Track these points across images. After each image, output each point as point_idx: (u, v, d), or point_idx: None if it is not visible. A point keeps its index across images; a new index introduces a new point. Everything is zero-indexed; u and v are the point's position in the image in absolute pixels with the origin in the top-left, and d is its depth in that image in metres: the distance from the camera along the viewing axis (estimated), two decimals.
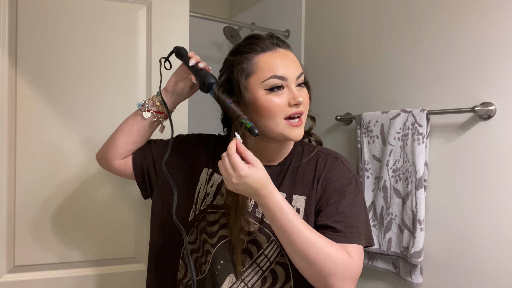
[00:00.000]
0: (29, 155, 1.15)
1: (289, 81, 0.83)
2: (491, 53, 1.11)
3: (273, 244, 0.84)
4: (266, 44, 0.85)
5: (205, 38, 2.26)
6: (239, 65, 0.84)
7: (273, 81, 0.82)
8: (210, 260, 0.86)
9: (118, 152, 0.98)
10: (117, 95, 1.22)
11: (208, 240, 0.88)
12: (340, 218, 0.81)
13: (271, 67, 0.82)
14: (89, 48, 1.20)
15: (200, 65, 0.89)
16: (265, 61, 0.83)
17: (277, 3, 1.93)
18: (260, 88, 0.82)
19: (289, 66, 0.83)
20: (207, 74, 0.87)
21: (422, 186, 1.21)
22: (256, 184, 0.73)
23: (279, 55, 0.85)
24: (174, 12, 1.27)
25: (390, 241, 1.29)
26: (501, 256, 1.09)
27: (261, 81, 0.82)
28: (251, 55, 0.84)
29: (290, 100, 0.82)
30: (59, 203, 1.18)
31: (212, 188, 0.91)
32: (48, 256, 1.18)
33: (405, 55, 1.34)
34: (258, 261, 0.84)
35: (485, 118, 1.12)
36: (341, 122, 1.57)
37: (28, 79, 1.15)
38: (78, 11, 1.19)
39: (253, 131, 0.77)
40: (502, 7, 1.09)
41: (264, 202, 0.75)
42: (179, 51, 0.94)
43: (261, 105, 0.82)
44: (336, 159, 0.91)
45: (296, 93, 0.82)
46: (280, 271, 0.84)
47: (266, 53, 0.84)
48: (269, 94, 0.82)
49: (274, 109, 0.81)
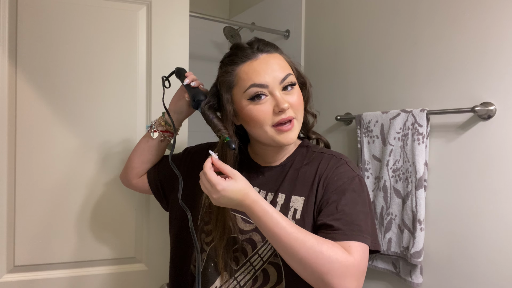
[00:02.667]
0: (29, 155, 1.15)
1: (271, 87, 0.81)
2: (491, 53, 1.11)
3: (267, 243, 0.84)
4: (246, 54, 0.85)
5: (205, 38, 2.26)
6: (222, 78, 0.87)
7: (253, 90, 0.81)
8: (205, 258, 0.89)
9: (134, 171, 1.08)
10: (117, 94, 1.22)
11: (205, 239, 0.90)
12: (339, 216, 0.78)
13: (250, 76, 0.82)
14: (89, 48, 1.20)
15: (192, 83, 0.94)
16: (244, 71, 0.83)
17: (277, 3, 1.93)
18: (243, 99, 0.83)
19: (269, 72, 0.82)
20: (198, 92, 0.93)
21: (422, 186, 1.21)
22: (236, 195, 0.73)
23: (259, 62, 0.83)
24: (174, 12, 1.27)
25: (390, 241, 1.29)
26: (501, 256, 1.09)
27: (242, 92, 0.83)
28: (233, 67, 0.85)
29: (274, 107, 0.81)
30: (59, 203, 1.18)
31: None
32: (48, 256, 1.18)
33: (405, 55, 1.34)
34: (252, 260, 0.84)
35: (485, 118, 1.12)
36: (341, 122, 1.57)
37: (28, 79, 1.15)
38: (78, 11, 1.19)
39: (230, 145, 0.80)
40: (502, 7, 1.09)
41: (250, 211, 0.75)
42: (179, 72, 1.00)
43: (246, 116, 0.83)
44: (340, 159, 0.88)
45: (280, 99, 0.81)
46: (272, 271, 0.84)
47: (246, 62, 0.84)
48: (252, 103, 0.82)
49: (259, 119, 0.81)
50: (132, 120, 1.23)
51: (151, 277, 1.27)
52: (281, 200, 0.86)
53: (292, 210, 0.84)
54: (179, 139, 1.17)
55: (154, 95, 1.24)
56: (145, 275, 1.27)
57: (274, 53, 0.86)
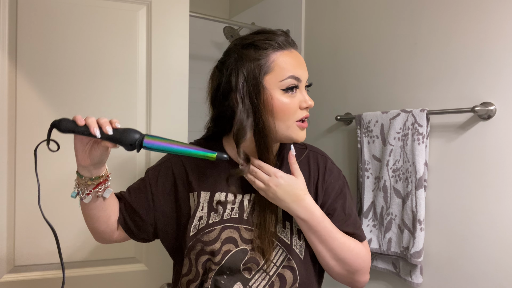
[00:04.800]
0: (29, 155, 1.15)
1: (302, 83, 0.84)
2: (491, 53, 1.11)
3: (277, 249, 0.84)
4: (282, 41, 0.83)
5: (205, 38, 2.26)
6: (257, 61, 0.80)
7: (290, 81, 0.81)
8: (212, 276, 0.83)
9: (106, 233, 0.92)
10: (117, 95, 1.22)
11: (212, 259, 0.83)
12: (350, 221, 0.89)
13: (289, 67, 0.81)
14: (89, 48, 1.20)
15: (108, 131, 0.73)
16: (283, 61, 0.81)
17: (277, 3, 1.93)
18: (277, 88, 0.80)
19: (302, 68, 0.85)
20: (123, 135, 0.73)
21: (422, 186, 1.21)
22: (295, 191, 0.82)
23: (294, 55, 0.84)
24: (174, 12, 1.27)
25: (390, 241, 1.29)
26: (501, 256, 1.09)
27: (278, 81, 0.80)
28: (269, 52, 0.81)
29: (301, 103, 0.83)
30: (59, 203, 1.18)
31: (204, 210, 0.87)
32: (48, 256, 1.18)
33: (405, 55, 1.34)
34: (265, 267, 0.83)
35: (485, 118, 1.12)
36: (341, 122, 1.57)
37: (28, 79, 1.15)
38: (78, 11, 1.19)
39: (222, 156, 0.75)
40: (502, 7, 1.09)
41: (307, 212, 0.82)
42: (60, 126, 0.74)
43: (276, 106, 0.80)
44: (323, 157, 0.95)
45: (307, 96, 0.85)
46: (288, 274, 0.84)
47: (284, 51, 0.82)
48: (284, 94, 0.81)
49: (288, 112, 0.81)
50: (132, 120, 1.23)
51: (151, 277, 1.27)
52: None
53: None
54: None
55: (154, 95, 1.24)
56: (145, 275, 1.27)
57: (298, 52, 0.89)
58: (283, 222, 0.86)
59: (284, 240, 0.85)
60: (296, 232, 0.86)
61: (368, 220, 1.36)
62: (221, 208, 0.86)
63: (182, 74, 1.28)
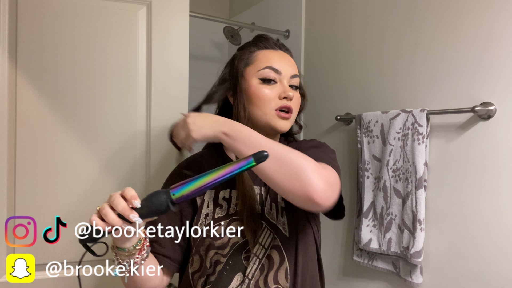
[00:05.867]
0: (29, 155, 1.15)
1: (283, 76, 0.89)
2: (491, 53, 1.11)
3: (265, 230, 0.86)
4: (269, 43, 0.94)
5: (205, 38, 2.26)
6: (241, 56, 0.93)
7: (267, 71, 0.88)
8: (220, 269, 0.85)
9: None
10: (117, 94, 1.22)
11: (219, 253, 0.86)
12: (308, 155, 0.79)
13: (268, 59, 0.90)
14: (88, 48, 1.20)
15: (133, 218, 0.62)
16: (264, 55, 0.91)
17: (277, 3, 1.93)
18: (255, 77, 0.89)
19: (284, 63, 0.91)
20: (151, 208, 0.62)
21: (422, 186, 1.21)
22: (211, 116, 0.84)
23: (278, 53, 0.93)
24: (174, 12, 1.27)
25: (390, 241, 1.29)
26: (501, 256, 1.09)
27: (256, 70, 0.89)
28: (254, 49, 0.93)
29: (280, 93, 0.88)
30: (59, 203, 1.18)
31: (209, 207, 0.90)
32: (48, 256, 1.18)
33: (405, 55, 1.34)
34: (254, 250, 0.85)
35: (485, 118, 1.12)
36: (341, 122, 1.57)
37: (28, 79, 1.15)
38: (78, 11, 1.19)
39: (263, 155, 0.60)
40: (502, 7, 1.09)
41: (231, 127, 0.79)
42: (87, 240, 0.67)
43: (252, 93, 0.88)
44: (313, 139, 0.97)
45: (288, 87, 0.89)
46: (275, 254, 0.85)
47: (268, 50, 0.93)
48: (262, 84, 0.89)
49: (264, 99, 0.87)
50: (132, 120, 1.23)
51: None
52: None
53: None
54: None
55: (154, 95, 1.24)
56: None
57: (290, 56, 0.96)
58: (270, 204, 0.88)
59: (270, 221, 0.87)
60: (280, 210, 0.88)
61: (368, 220, 1.36)
62: (226, 204, 0.89)
63: (182, 74, 1.28)
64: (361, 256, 1.42)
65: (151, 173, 1.25)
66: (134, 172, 1.24)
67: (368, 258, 1.39)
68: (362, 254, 1.41)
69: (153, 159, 1.24)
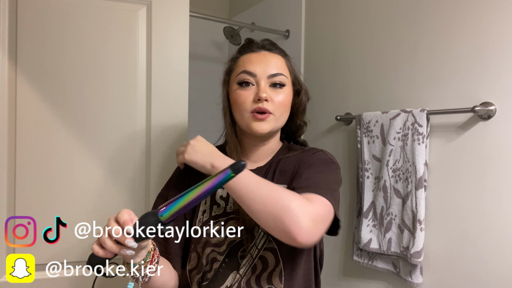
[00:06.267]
0: (29, 155, 1.15)
1: (259, 78, 0.89)
2: (491, 53, 1.11)
3: (259, 232, 0.86)
4: (251, 47, 0.94)
5: (205, 38, 2.26)
6: (227, 64, 0.97)
7: (243, 75, 0.89)
8: (217, 267, 0.87)
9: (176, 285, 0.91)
10: (117, 94, 1.22)
11: (216, 250, 0.87)
12: (302, 181, 0.82)
13: (244, 64, 0.91)
14: (88, 48, 1.20)
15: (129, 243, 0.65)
16: (242, 60, 0.93)
17: (277, 3, 1.93)
18: (234, 83, 0.91)
19: (262, 64, 0.90)
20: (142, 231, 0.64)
21: (422, 186, 1.21)
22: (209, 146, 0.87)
23: (257, 55, 0.92)
24: (174, 12, 1.27)
25: (390, 241, 1.29)
26: (501, 256, 1.09)
27: (235, 76, 0.91)
28: (237, 56, 0.95)
29: (254, 95, 0.88)
30: (59, 203, 1.18)
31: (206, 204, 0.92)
32: (48, 256, 1.18)
33: (405, 55, 1.34)
34: (251, 250, 0.86)
35: (485, 118, 1.12)
36: (341, 122, 1.57)
37: (28, 79, 1.14)
38: (78, 11, 1.19)
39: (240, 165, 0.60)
40: (502, 7, 1.09)
41: (225, 163, 0.81)
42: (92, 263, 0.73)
43: (232, 99, 0.91)
44: (318, 149, 0.96)
45: (262, 88, 0.87)
46: (269, 255, 0.86)
47: (249, 54, 0.93)
48: (239, 88, 0.90)
49: (240, 102, 0.89)
50: (132, 120, 1.23)
51: None
52: None
53: None
54: (179, 144, 1.16)
55: (154, 95, 1.24)
56: None
57: (277, 54, 0.94)
58: None
59: None
60: None
61: (368, 220, 1.36)
62: (224, 202, 0.91)
63: (182, 74, 1.28)
64: (361, 256, 1.42)
65: (151, 173, 1.25)
66: (134, 172, 1.24)
67: (368, 258, 1.39)
68: (362, 254, 1.41)
69: (153, 159, 1.24)
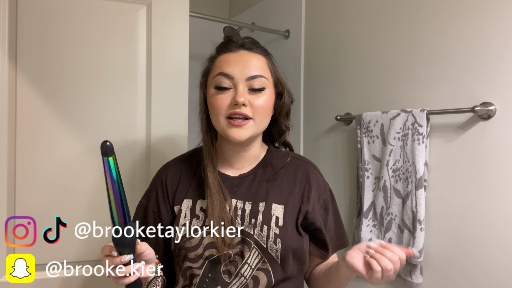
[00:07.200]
0: (29, 155, 1.15)
1: (236, 80, 0.82)
2: (491, 53, 1.11)
3: (253, 251, 0.83)
4: (229, 46, 0.87)
5: (205, 38, 2.25)
6: (204, 65, 0.90)
7: (219, 78, 0.83)
8: (197, 282, 0.84)
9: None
10: (117, 94, 1.22)
11: (192, 266, 0.84)
12: (335, 240, 0.95)
13: (221, 65, 0.85)
14: (89, 48, 1.20)
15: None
16: (220, 60, 0.86)
17: (277, 3, 1.93)
18: (211, 85, 0.85)
19: (239, 66, 0.83)
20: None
21: (422, 186, 1.21)
22: None
23: (235, 55, 0.85)
24: (174, 12, 1.27)
25: (390, 241, 1.29)
26: (501, 256, 1.09)
27: (212, 78, 0.85)
28: (215, 55, 0.89)
29: (231, 99, 0.82)
30: (59, 203, 1.18)
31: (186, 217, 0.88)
32: (48, 256, 1.18)
33: (405, 55, 1.34)
34: (242, 271, 0.83)
35: (485, 118, 1.12)
36: (341, 122, 1.57)
37: (28, 79, 1.15)
38: (78, 11, 1.19)
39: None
40: (502, 7, 1.09)
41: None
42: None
43: (208, 102, 0.86)
44: (312, 168, 0.94)
45: (239, 92, 0.81)
46: (262, 276, 0.83)
47: (226, 53, 0.86)
48: (216, 91, 0.84)
49: (216, 106, 0.83)
50: (132, 120, 1.23)
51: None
52: (262, 208, 0.86)
53: (274, 217, 0.85)
54: (179, 144, 1.16)
55: (154, 95, 1.24)
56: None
57: (258, 54, 0.87)
58: (261, 226, 0.85)
59: (260, 243, 0.84)
60: (273, 237, 0.84)
61: (368, 220, 1.36)
62: (203, 215, 0.86)
63: (182, 74, 1.28)
64: None
65: (151, 172, 1.25)
66: (134, 171, 1.24)
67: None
68: None
69: (153, 158, 1.24)
